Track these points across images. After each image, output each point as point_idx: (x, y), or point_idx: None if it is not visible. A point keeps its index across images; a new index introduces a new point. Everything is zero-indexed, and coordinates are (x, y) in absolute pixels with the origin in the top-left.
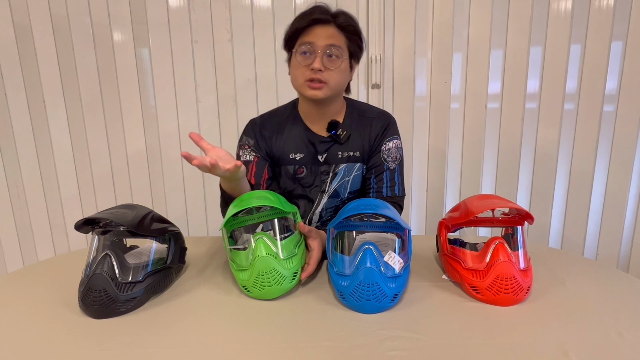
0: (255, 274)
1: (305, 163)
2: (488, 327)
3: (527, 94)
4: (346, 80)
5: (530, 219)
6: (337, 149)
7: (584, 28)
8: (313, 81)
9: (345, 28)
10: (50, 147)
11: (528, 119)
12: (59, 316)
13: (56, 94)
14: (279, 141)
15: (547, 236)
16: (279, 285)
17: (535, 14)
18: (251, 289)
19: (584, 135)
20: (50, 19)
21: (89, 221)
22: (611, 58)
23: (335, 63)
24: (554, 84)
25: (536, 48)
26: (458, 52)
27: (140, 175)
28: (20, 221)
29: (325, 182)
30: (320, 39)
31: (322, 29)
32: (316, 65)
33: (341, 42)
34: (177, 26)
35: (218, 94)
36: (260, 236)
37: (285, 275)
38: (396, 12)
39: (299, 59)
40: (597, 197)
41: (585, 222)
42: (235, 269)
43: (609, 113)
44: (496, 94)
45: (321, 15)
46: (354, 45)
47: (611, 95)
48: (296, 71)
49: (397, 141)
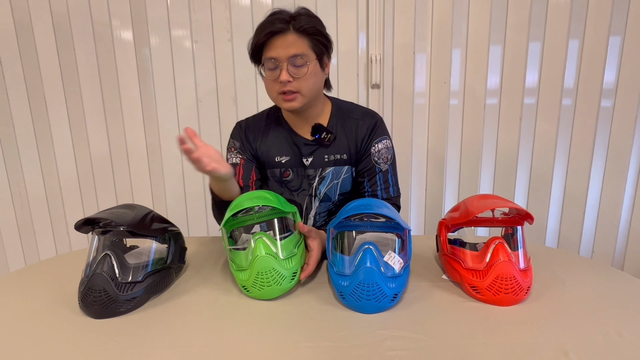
0: (255, 274)
1: (291, 166)
2: (488, 327)
3: (526, 89)
4: (320, 82)
5: (530, 218)
6: (322, 152)
7: (582, 23)
8: (285, 93)
9: (305, 31)
10: (51, 146)
11: (526, 115)
12: (59, 316)
13: (57, 92)
14: (264, 144)
15: (544, 234)
16: (279, 285)
17: (533, 9)
18: (251, 289)
19: (581, 131)
20: (51, 17)
21: (89, 221)
22: (609, 53)
23: (302, 70)
24: (552, 79)
25: (535, 43)
26: (457, 49)
27: (141, 174)
28: (22, 220)
29: (312, 186)
30: (281, 51)
31: (281, 40)
32: (283, 77)
33: (303, 48)
34: (177, 26)
35: (218, 94)
36: (260, 236)
37: (284, 275)
38: (396, 12)
39: (267, 74)
40: (594, 195)
41: (582, 220)
42: (234, 269)
43: (607, 109)
44: (495, 90)
45: (277, 27)
46: (318, 45)
47: (609, 90)
48: (268, 86)
49: (386, 141)
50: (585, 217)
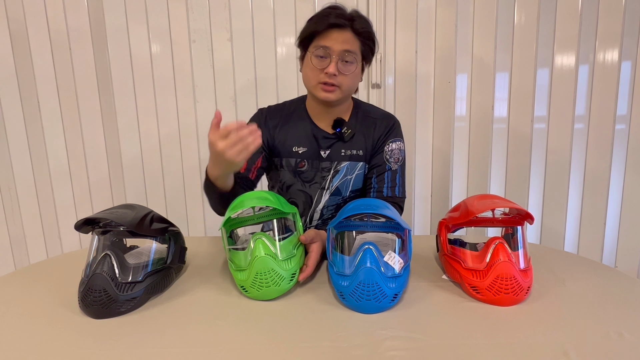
0: (254, 275)
1: (307, 157)
2: (488, 327)
3: (536, 96)
4: (357, 84)
5: (530, 218)
6: (340, 146)
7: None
8: (327, 84)
9: (360, 33)
10: (44, 149)
11: (538, 123)
12: (59, 316)
13: (50, 92)
14: (282, 132)
15: (562, 245)
16: (277, 286)
17: (541, 15)
18: (249, 289)
19: (597, 139)
20: (47, 20)
21: (89, 221)
22: (621, 77)
23: (349, 68)
24: (566, 87)
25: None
26: (462, 52)
27: (138, 176)
28: (13, 225)
29: (326, 179)
30: (336, 44)
31: (339, 34)
32: (331, 70)
33: (356, 48)
34: (177, 26)
35: (217, 95)
36: (260, 236)
37: (283, 276)
38: (397, 11)
39: (314, 61)
40: (614, 205)
41: (603, 231)
42: (233, 269)
43: (622, 116)
44: (503, 97)
45: (338, 20)
46: (367, 50)
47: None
48: (310, 72)
49: (400, 143)
50: (607, 229)
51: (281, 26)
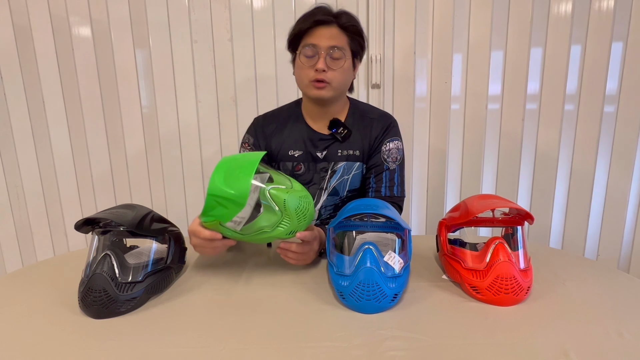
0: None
1: (303, 160)
2: (488, 327)
3: (528, 95)
4: (349, 80)
5: (530, 219)
6: (337, 146)
7: (584, 29)
8: (318, 81)
9: (347, 28)
10: (49, 147)
11: (528, 120)
12: (59, 316)
13: (56, 94)
14: (278, 138)
15: (548, 237)
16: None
17: (535, 15)
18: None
19: (584, 136)
20: (50, 20)
21: (89, 221)
22: (612, 59)
23: (338, 63)
24: (554, 84)
25: (536, 49)
26: (458, 53)
27: (140, 175)
28: (20, 222)
29: (324, 179)
30: (323, 40)
31: (325, 30)
32: (320, 66)
33: (343, 43)
34: (177, 26)
35: (218, 94)
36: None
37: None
38: (396, 12)
39: (303, 60)
40: (598, 198)
41: (586, 223)
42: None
43: (610, 114)
44: (496, 95)
45: (323, 17)
46: (356, 45)
47: (611, 95)
48: (301, 72)
49: (398, 142)
50: (590, 221)
51: (281, 26)
